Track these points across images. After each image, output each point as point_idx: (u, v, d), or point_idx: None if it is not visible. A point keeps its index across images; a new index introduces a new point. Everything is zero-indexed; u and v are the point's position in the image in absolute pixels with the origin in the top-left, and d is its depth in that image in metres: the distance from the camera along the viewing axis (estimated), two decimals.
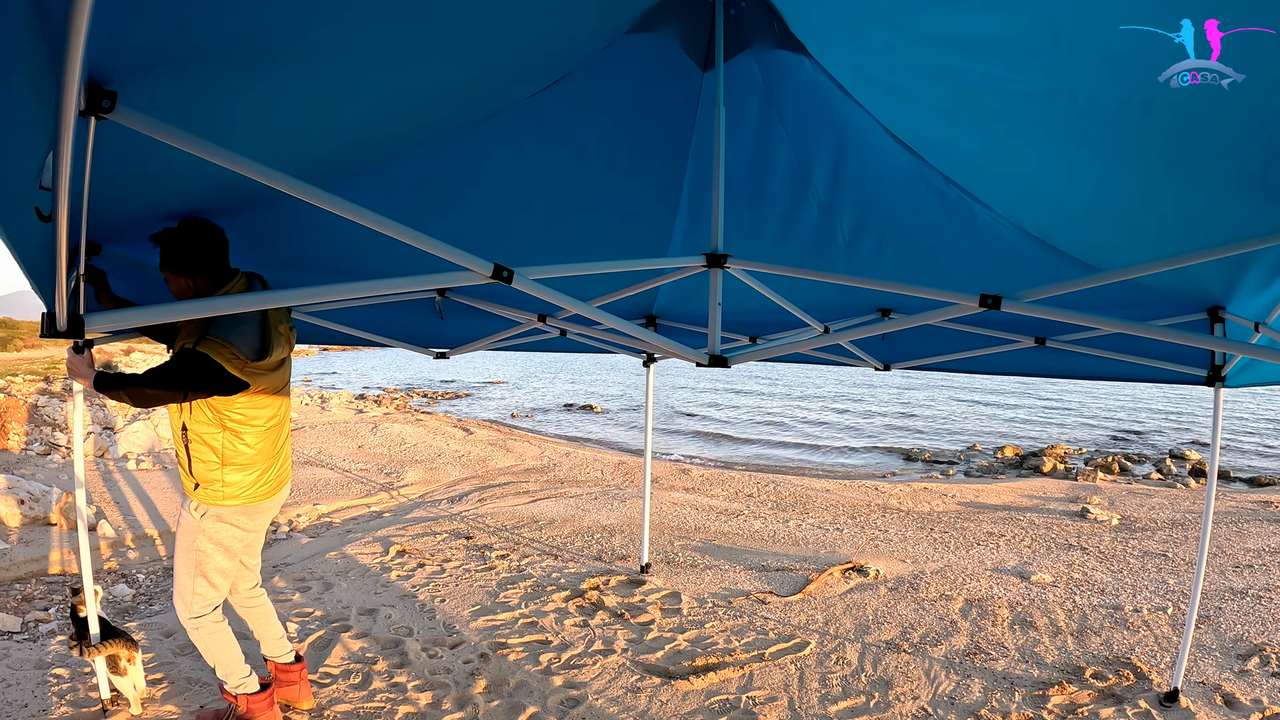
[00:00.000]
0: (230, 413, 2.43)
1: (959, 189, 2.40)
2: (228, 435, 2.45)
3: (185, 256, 2.29)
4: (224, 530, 2.55)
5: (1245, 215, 1.82)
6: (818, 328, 3.04)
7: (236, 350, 2.29)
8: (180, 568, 2.57)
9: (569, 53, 2.06)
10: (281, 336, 2.51)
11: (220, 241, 2.36)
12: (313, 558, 5.03)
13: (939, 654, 3.73)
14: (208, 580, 2.56)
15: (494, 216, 2.77)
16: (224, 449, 2.46)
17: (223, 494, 2.49)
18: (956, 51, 1.60)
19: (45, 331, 1.20)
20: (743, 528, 6.37)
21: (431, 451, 10.25)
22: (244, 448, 2.48)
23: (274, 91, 1.57)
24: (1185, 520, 6.86)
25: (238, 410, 2.43)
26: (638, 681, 3.38)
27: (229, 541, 2.57)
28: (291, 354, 2.65)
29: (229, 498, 2.50)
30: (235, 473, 2.49)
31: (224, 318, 2.33)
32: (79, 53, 0.80)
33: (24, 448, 8.61)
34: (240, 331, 2.34)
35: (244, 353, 2.32)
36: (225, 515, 2.53)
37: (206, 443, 2.45)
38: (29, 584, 4.34)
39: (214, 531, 2.53)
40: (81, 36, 0.77)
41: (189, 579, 2.55)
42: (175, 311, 1.27)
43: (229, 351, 2.27)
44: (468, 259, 1.59)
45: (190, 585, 2.55)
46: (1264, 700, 3.25)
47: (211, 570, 2.56)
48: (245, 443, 2.48)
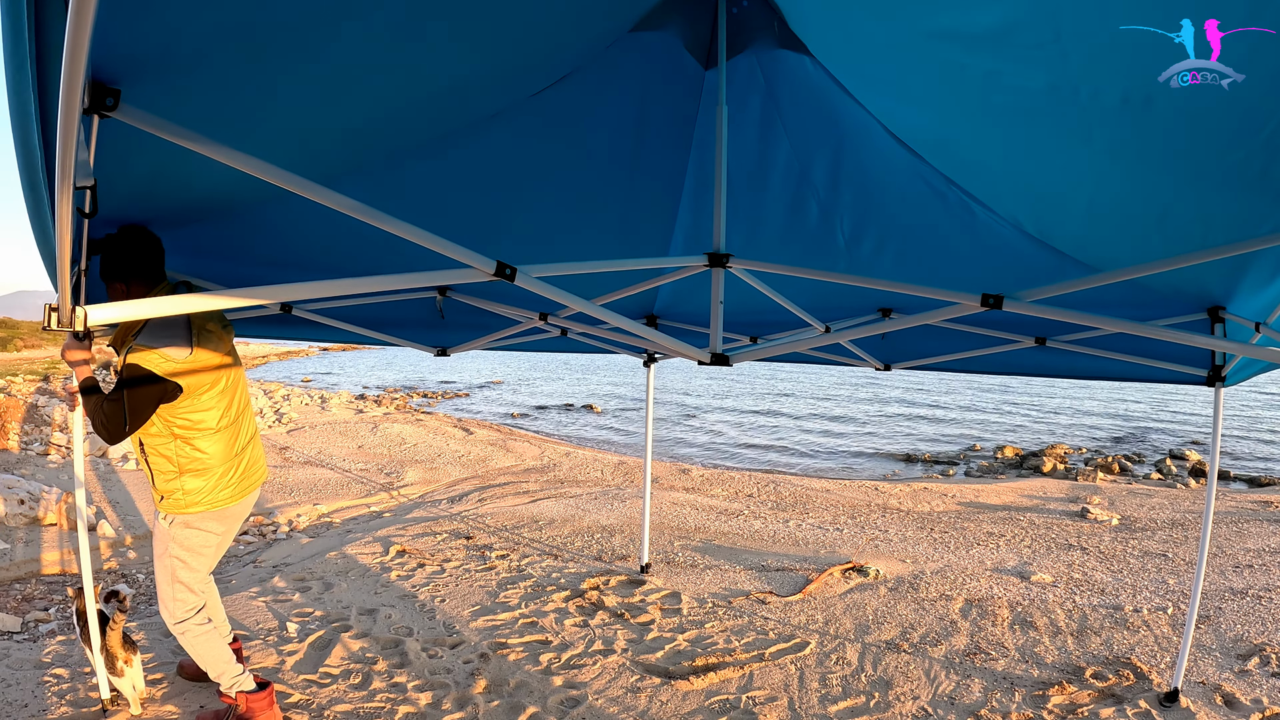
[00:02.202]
0: (176, 419, 2.48)
1: (959, 189, 2.40)
2: (178, 443, 2.51)
3: (118, 263, 2.35)
4: (194, 536, 2.61)
5: (1246, 214, 1.83)
6: (819, 327, 3.04)
7: (163, 353, 2.36)
8: (158, 576, 2.65)
9: (574, 50, 2.06)
10: (210, 334, 2.55)
11: (154, 249, 2.40)
12: (313, 558, 5.03)
13: (939, 654, 3.74)
14: (185, 585, 2.63)
15: (497, 215, 2.78)
16: (178, 457, 2.51)
17: (185, 502, 2.55)
18: (957, 47, 1.60)
19: (47, 324, 1.23)
20: (743, 528, 6.37)
21: (431, 451, 10.25)
22: (198, 454, 2.53)
23: (278, 89, 1.57)
24: (1185, 520, 6.86)
25: (182, 416, 2.48)
26: (638, 681, 3.38)
27: (200, 546, 2.63)
28: (230, 350, 2.68)
29: (191, 505, 2.56)
30: (193, 479, 2.54)
31: (150, 324, 2.40)
32: (83, 51, 0.80)
33: (23, 448, 8.61)
34: (165, 335, 2.40)
35: (170, 354, 2.38)
36: (193, 521, 2.59)
37: (161, 453, 2.51)
38: (29, 584, 4.34)
39: (184, 538, 2.60)
40: (86, 34, 0.77)
41: (168, 587, 2.62)
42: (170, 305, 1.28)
43: (156, 355, 2.34)
44: (471, 256, 1.60)
45: (170, 593, 2.62)
46: (1264, 700, 3.25)
47: (187, 576, 2.63)
48: (198, 449, 2.53)
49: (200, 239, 2.64)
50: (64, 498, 5.55)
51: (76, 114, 0.90)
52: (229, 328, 2.74)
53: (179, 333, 2.44)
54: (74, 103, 0.87)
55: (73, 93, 0.85)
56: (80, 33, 0.77)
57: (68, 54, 0.79)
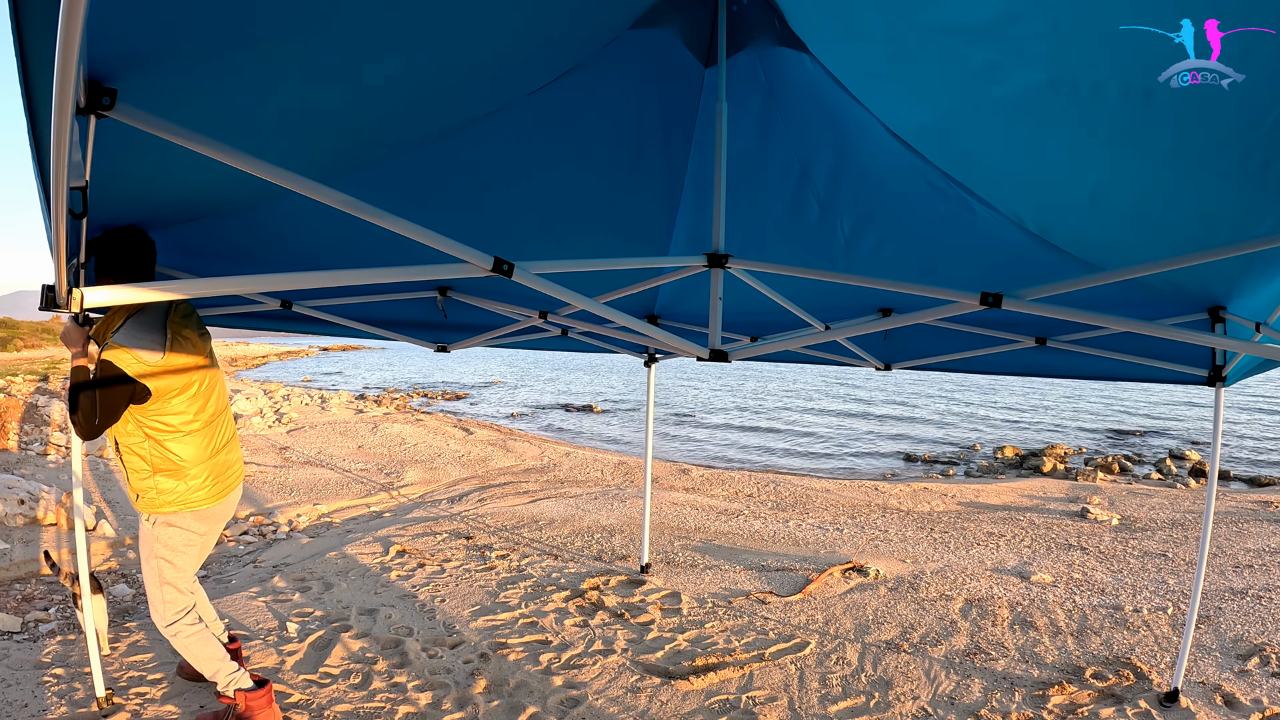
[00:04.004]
0: (148, 420, 2.50)
1: (959, 186, 2.39)
2: (152, 444, 2.53)
3: (109, 262, 2.36)
4: (177, 535, 2.62)
5: (1247, 210, 1.82)
6: (819, 326, 3.04)
7: (136, 354, 2.39)
8: (147, 580, 2.66)
9: (573, 47, 2.06)
10: (185, 339, 2.58)
11: (146, 249, 2.42)
12: (313, 558, 5.03)
13: (939, 654, 3.73)
14: (173, 586, 2.64)
15: (496, 214, 2.77)
16: (151, 457, 2.54)
17: (159, 501, 2.57)
18: (957, 39, 1.60)
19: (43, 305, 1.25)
20: (743, 528, 6.36)
21: (431, 451, 10.25)
22: (171, 455, 2.55)
23: (276, 86, 1.57)
24: (1185, 520, 6.85)
25: (153, 418, 2.50)
26: (638, 681, 3.37)
27: (183, 545, 2.64)
28: (207, 354, 2.71)
29: (166, 505, 2.57)
30: (167, 479, 2.56)
31: (128, 323, 2.43)
32: (74, 51, 0.79)
33: (23, 447, 8.61)
34: (139, 335, 2.43)
35: (143, 356, 2.40)
36: (174, 520, 2.61)
37: (135, 452, 2.54)
38: (29, 584, 4.33)
39: (167, 538, 2.61)
40: (76, 34, 0.77)
41: (156, 589, 2.64)
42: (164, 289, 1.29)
43: (129, 355, 2.37)
44: (468, 252, 1.60)
45: (159, 594, 2.64)
46: (1264, 700, 3.25)
47: (173, 575, 2.64)
48: (170, 450, 2.55)
49: (198, 238, 2.64)
50: (63, 498, 5.55)
51: (69, 114, 0.89)
52: (205, 335, 2.77)
53: (154, 336, 2.47)
54: (66, 102, 0.87)
55: (65, 92, 0.84)
56: (71, 34, 0.76)
57: (60, 55, 0.79)
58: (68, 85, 0.83)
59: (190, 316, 2.70)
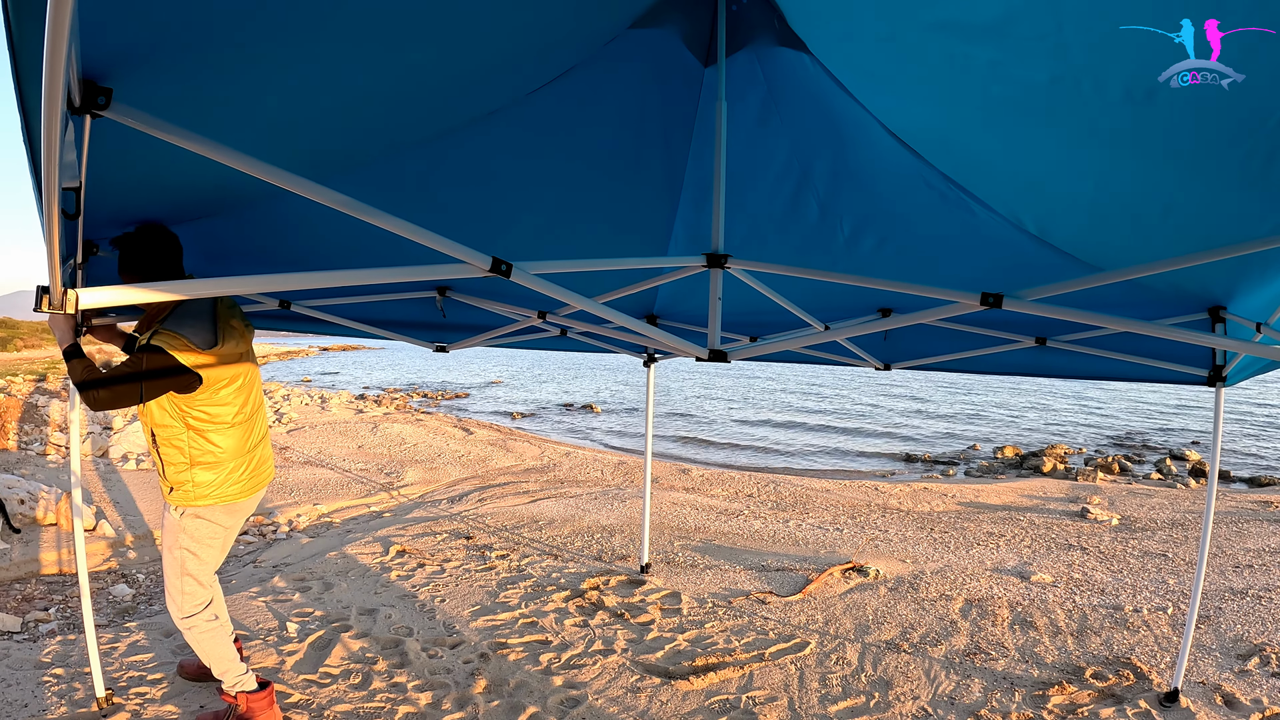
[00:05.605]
0: (192, 411, 2.49)
1: (959, 188, 2.39)
2: (192, 435, 2.51)
3: (138, 260, 2.35)
4: (204, 528, 2.61)
5: (1248, 210, 1.82)
6: (818, 326, 3.03)
7: (189, 341, 2.38)
8: (167, 570, 2.65)
9: (572, 47, 2.05)
10: (234, 330, 2.59)
11: (173, 246, 2.41)
12: (313, 558, 5.03)
13: (939, 654, 3.73)
14: (195, 579, 2.63)
15: (494, 214, 2.77)
16: (190, 449, 2.52)
17: (194, 495, 2.55)
18: (958, 38, 1.59)
19: (37, 306, 1.25)
20: (743, 528, 6.36)
21: (431, 451, 10.24)
22: (210, 447, 2.54)
23: (274, 85, 1.57)
24: (1185, 520, 6.85)
25: (199, 409, 2.49)
26: (638, 681, 3.37)
27: (208, 538, 2.63)
28: (250, 349, 2.71)
29: (200, 498, 2.56)
30: (204, 472, 2.55)
31: (176, 312, 2.42)
32: (62, 49, 0.79)
33: (23, 447, 8.61)
34: (191, 324, 2.42)
35: (196, 344, 2.40)
36: (203, 513, 2.60)
37: (173, 444, 2.52)
38: (29, 584, 4.33)
39: (195, 530, 2.60)
40: (64, 32, 0.76)
41: (176, 580, 2.62)
42: (164, 289, 1.28)
43: (181, 342, 2.36)
44: (466, 252, 1.59)
45: (179, 586, 2.62)
46: (1264, 700, 3.25)
47: (195, 567, 2.63)
48: (211, 442, 2.54)
49: (196, 238, 2.64)
50: (64, 498, 5.54)
51: (59, 114, 0.89)
52: (250, 328, 2.77)
53: (205, 324, 2.47)
54: (55, 102, 0.86)
55: (54, 91, 0.84)
56: (59, 32, 0.76)
57: (48, 53, 0.78)
58: (56, 84, 0.82)
59: (235, 309, 2.70)
